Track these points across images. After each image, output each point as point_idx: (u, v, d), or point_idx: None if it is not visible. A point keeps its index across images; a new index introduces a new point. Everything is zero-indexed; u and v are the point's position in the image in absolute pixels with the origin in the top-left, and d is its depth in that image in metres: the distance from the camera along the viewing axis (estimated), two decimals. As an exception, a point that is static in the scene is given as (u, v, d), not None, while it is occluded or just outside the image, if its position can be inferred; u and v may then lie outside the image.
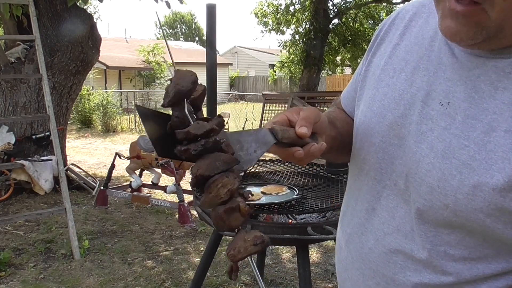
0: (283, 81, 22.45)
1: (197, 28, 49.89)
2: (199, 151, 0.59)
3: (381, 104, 0.71)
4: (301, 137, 0.64)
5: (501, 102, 0.56)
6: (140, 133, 10.77)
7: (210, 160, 0.59)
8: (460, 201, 0.58)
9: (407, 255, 0.66)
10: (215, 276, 3.22)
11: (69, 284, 3.11)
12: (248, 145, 0.66)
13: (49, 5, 5.17)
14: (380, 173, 0.70)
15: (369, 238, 0.72)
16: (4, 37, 5.97)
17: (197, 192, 2.13)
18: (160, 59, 20.99)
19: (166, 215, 4.63)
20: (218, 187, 0.59)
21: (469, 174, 0.57)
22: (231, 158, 0.62)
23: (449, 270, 0.62)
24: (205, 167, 0.59)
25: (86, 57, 5.45)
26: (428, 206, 0.62)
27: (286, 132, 0.65)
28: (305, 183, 2.35)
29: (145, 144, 4.77)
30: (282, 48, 11.95)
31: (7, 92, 5.26)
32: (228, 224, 0.61)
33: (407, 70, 0.69)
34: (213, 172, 0.59)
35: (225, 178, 0.60)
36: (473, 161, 0.57)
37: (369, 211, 0.73)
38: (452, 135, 0.59)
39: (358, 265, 0.75)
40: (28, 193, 5.14)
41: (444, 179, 0.59)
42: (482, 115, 0.57)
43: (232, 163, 0.61)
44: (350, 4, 10.68)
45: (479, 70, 0.59)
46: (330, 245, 3.69)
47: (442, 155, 0.60)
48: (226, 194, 0.59)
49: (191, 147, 0.59)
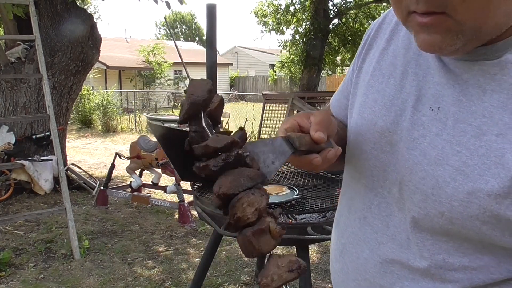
0: (283, 81, 22.46)
1: (197, 28, 49.92)
2: (220, 167, 0.52)
3: (372, 111, 0.70)
4: (318, 142, 0.62)
5: (490, 104, 0.55)
6: (140, 133, 10.78)
7: (233, 177, 0.53)
8: (455, 209, 0.57)
9: (403, 265, 0.64)
10: (215, 276, 3.22)
11: (69, 284, 3.11)
12: (265, 156, 0.60)
13: (49, 5, 5.17)
14: (372, 181, 0.69)
15: (364, 248, 0.70)
16: (4, 37, 5.97)
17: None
18: (160, 59, 21.01)
19: (166, 215, 4.63)
20: (244, 206, 0.52)
21: (463, 180, 0.55)
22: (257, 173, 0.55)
23: (448, 278, 0.60)
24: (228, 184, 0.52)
25: (86, 57, 5.45)
26: (423, 214, 0.60)
27: (302, 139, 0.62)
28: (305, 183, 2.35)
29: (145, 144, 4.77)
30: (282, 48, 11.95)
31: (7, 92, 5.26)
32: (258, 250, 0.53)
33: (396, 75, 0.68)
34: (238, 190, 0.52)
35: (252, 196, 0.53)
36: (466, 167, 0.55)
37: (361, 220, 0.71)
38: (445, 141, 0.58)
39: (354, 276, 0.73)
40: (28, 193, 5.14)
41: (438, 187, 0.58)
42: (471, 118, 0.56)
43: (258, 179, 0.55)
44: (350, 4, 10.68)
45: (467, 74, 0.58)
46: (330, 245, 3.69)
47: (435, 161, 0.58)
48: (253, 214, 0.53)
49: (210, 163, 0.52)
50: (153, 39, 33.64)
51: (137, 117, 12.52)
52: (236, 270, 3.35)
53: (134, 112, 12.93)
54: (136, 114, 12.74)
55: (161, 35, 47.32)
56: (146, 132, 11.03)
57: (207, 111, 0.57)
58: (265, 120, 9.62)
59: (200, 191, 2.21)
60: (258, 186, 0.54)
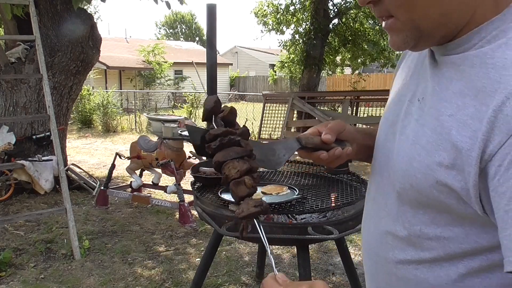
0: (283, 81, 22.44)
1: (197, 28, 49.88)
2: (217, 146, 0.80)
3: (388, 108, 0.82)
4: (326, 142, 0.82)
5: (451, 91, 0.63)
6: (140, 133, 10.78)
7: (225, 152, 0.79)
8: (419, 180, 0.66)
9: (394, 235, 0.74)
10: (215, 276, 3.22)
11: (69, 284, 3.11)
12: (279, 151, 0.85)
13: (49, 5, 5.17)
14: (380, 165, 0.81)
15: (371, 223, 0.83)
16: (4, 37, 5.97)
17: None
18: (160, 59, 21.01)
19: (166, 215, 4.63)
20: (230, 168, 0.78)
21: (425, 156, 0.65)
22: (243, 150, 0.80)
23: (426, 246, 0.69)
24: (220, 156, 0.79)
25: (86, 57, 5.45)
26: (402, 188, 0.71)
27: (309, 139, 0.83)
28: (305, 183, 2.35)
29: (145, 144, 4.77)
30: (282, 48, 11.93)
31: (8, 92, 5.26)
32: (236, 194, 0.79)
33: (408, 75, 0.78)
34: (226, 159, 0.79)
35: (236, 162, 0.78)
36: (428, 144, 0.65)
37: (372, 200, 0.84)
38: (419, 125, 0.68)
39: (365, 247, 0.85)
40: (28, 193, 5.15)
41: (409, 163, 0.68)
42: (439, 104, 0.65)
43: (243, 153, 0.79)
44: (350, 4, 10.65)
45: (445, 67, 0.66)
46: (330, 245, 3.69)
47: (412, 142, 0.68)
48: (236, 173, 0.78)
49: (212, 144, 0.80)
50: (153, 39, 33.64)
51: (137, 117, 12.52)
52: (236, 270, 3.35)
53: (134, 112, 12.93)
54: (136, 114, 12.74)
55: (161, 35, 47.34)
56: (146, 132, 11.03)
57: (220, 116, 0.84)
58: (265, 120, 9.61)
59: (200, 191, 2.21)
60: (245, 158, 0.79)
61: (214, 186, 2.26)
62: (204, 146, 0.81)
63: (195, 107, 13.27)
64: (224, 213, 1.94)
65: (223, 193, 2.08)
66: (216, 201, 2.03)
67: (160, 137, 4.69)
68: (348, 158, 0.87)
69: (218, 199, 2.03)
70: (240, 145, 0.80)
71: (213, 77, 3.52)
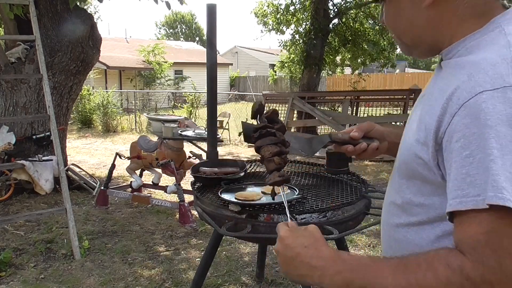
0: (283, 81, 22.44)
1: (197, 28, 49.87)
2: (258, 136, 1.10)
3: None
4: (353, 138, 1.13)
5: (437, 88, 0.79)
6: (140, 133, 10.78)
7: (262, 140, 1.10)
8: (404, 153, 0.86)
9: (394, 204, 0.91)
10: (215, 276, 3.22)
11: (69, 284, 3.11)
12: (314, 143, 1.21)
13: (49, 5, 5.17)
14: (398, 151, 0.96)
15: (387, 197, 0.98)
16: (4, 37, 5.97)
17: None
18: (160, 59, 21.01)
19: (166, 215, 4.63)
20: (264, 151, 1.09)
21: (412, 136, 0.82)
22: (276, 139, 1.09)
23: (413, 212, 0.85)
24: (259, 142, 1.10)
25: (86, 57, 5.45)
26: (398, 163, 0.90)
27: (338, 135, 1.14)
28: (305, 183, 2.35)
29: (145, 144, 4.77)
30: (282, 48, 11.92)
31: (8, 92, 5.26)
32: (267, 168, 1.09)
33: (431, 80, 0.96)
34: (262, 144, 1.09)
35: (270, 147, 1.08)
36: (414, 126, 0.82)
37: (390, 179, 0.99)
38: (415, 115, 0.85)
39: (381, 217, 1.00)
40: (28, 193, 5.15)
41: (402, 142, 0.89)
42: (428, 98, 0.81)
43: (276, 141, 1.09)
44: (350, 4, 10.65)
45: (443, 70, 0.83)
46: (330, 245, 3.69)
47: (407, 128, 0.88)
48: (268, 154, 1.08)
49: (254, 134, 1.10)
50: (153, 39, 33.64)
51: (137, 117, 12.52)
52: (237, 270, 3.35)
53: (135, 112, 12.93)
54: (136, 114, 12.74)
55: (161, 35, 47.34)
56: (146, 132, 11.03)
57: (264, 115, 1.14)
58: (265, 120, 9.62)
59: (200, 191, 2.21)
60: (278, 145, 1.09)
61: (214, 186, 2.26)
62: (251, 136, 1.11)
63: (195, 107, 13.26)
64: (224, 213, 1.93)
65: (223, 193, 2.07)
66: (216, 201, 2.03)
67: (160, 137, 4.69)
68: (375, 153, 1.13)
69: (218, 199, 2.03)
70: (275, 136, 1.10)
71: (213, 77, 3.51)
